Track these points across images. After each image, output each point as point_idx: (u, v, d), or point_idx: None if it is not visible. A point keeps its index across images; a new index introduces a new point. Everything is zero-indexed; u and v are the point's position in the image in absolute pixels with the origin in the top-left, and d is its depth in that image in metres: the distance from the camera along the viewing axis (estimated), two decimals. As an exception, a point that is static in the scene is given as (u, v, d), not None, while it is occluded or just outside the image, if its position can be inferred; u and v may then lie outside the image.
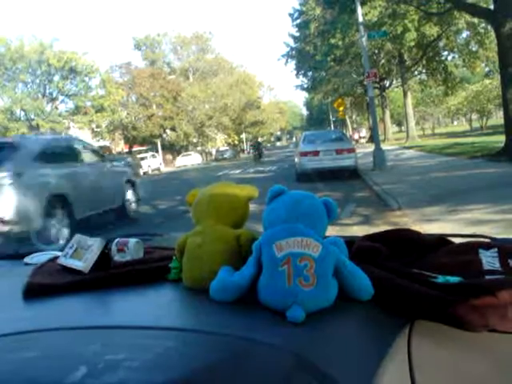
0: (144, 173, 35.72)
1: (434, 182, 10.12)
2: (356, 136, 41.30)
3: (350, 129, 51.97)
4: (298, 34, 42.82)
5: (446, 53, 34.02)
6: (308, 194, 0.91)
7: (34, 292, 0.99)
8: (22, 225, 6.56)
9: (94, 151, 9.90)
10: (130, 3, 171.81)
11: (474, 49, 31.27)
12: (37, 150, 7.51)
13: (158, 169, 39.98)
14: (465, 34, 30.91)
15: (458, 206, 6.82)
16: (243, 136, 67.44)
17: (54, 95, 35.03)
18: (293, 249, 0.80)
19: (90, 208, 8.20)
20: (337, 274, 0.82)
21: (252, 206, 1.04)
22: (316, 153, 13.93)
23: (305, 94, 71.78)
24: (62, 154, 8.33)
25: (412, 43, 29.15)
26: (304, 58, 41.20)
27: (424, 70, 36.03)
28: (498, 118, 44.20)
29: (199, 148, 53.49)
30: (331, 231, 0.93)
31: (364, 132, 47.43)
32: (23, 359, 0.64)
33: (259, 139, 72.62)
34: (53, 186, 7.32)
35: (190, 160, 44.46)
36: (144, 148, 46.35)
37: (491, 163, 11.93)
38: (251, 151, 40.43)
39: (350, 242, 1.02)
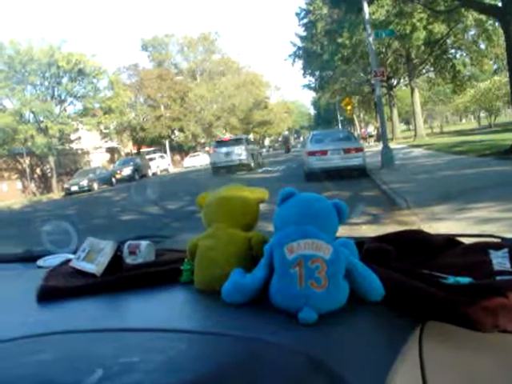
0: (153, 173, 35.78)
1: (443, 180, 10.05)
2: (365, 134, 41.05)
3: (358, 128, 51.69)
4: (304, 34, 42.68)
5: (453, 51, 33.84)
6: (318, 196, 0.92)
7: (48, 295, 1.00)
8: (248, 161, 24.24)
9: (249, 139, 30.95)
10: (136, 5, 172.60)
11: (481, 46, 31.05)
12: (246, 139, 26.86)
13: (167, 169, 40.10)
14: (472, 32, 30.68)
15: (466, 204, 6.78)
16: (251, 136, 67.38)
17: (63, 97, 35.01)
18: (304, 251, 0.80)
19: (256, 159, 25.99)
20: (348, 276, 0.82)
21: (262, 206, 1.05)
22: (324, 152, 13.86)
23: (312, 94, 71.48)
24: (250, 140, 29.28)
25: (420, 42, 28.99)
26: (311, 57, 41.10)
27: (432, 69, 35.82)
28: (506, 115, 43.91)
29: (207, 148, 53.42)
30: (340, 231, 0.94)
31: (369, 131, 46.99)
32: (38, 362, 0.65)
33: (266, 139, 72.47)
34: (251, 150, 25.35)
35: (199, 160, 44.20)
36: (152, 149, 46.48)
37: (500, 161, 11.84)
38: (282, 145, 55.93)
39: (360, 243, 1.03)
